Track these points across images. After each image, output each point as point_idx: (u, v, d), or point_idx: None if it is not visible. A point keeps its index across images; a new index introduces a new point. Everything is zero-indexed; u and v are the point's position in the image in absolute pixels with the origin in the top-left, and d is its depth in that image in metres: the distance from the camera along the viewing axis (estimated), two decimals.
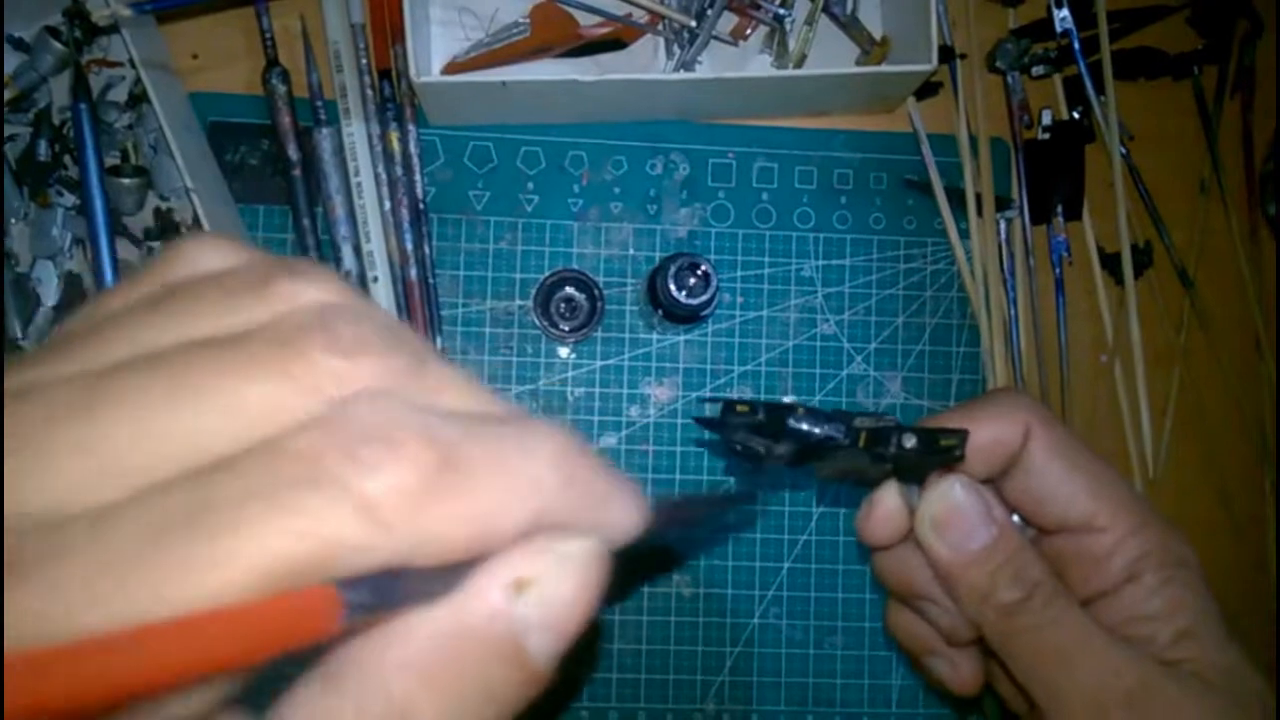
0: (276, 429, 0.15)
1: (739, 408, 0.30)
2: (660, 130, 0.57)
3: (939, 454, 0.29)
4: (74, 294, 0.52)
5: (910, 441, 0.29)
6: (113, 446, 0.14)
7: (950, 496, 0.31)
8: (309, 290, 0.17)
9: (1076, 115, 0.60)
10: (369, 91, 0.54)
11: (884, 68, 0.55)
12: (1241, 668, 0.29)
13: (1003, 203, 0.59)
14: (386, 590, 0.15)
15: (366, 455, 0.14)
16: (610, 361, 0.56)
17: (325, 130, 0.53)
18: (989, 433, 0.32)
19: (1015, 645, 0.30)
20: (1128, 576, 0.30)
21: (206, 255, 0.18)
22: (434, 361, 0.17)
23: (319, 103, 0.53)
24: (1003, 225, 0.59)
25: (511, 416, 0.17)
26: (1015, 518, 0.33)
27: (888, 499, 0.33)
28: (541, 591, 0.16)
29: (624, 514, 0.18)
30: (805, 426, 0.29)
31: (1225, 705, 0.28)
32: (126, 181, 0.52)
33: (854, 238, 0.58)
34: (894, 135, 0.59)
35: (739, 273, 0.57)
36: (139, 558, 0.13)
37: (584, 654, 0.55)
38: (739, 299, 0.57)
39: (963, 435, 0.29)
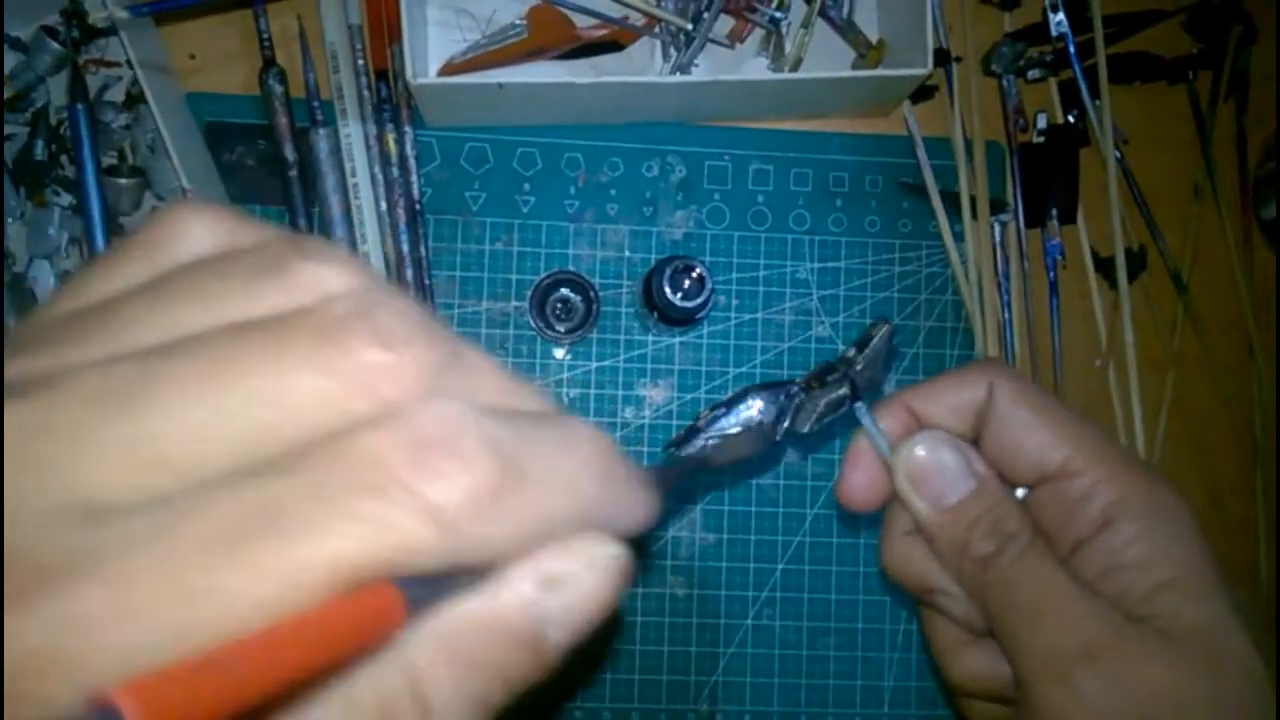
0: (330, 426, 0.15)
1: (701, 417, 0.31)
2: (656, 132, 0.58)
3: (874, 341, 0.31)
4: None
5: (850, 353, 0.32)
6: (161, 436, 0.14)
7: (923, 448, 0.31)
8: (332, 274, 0.16)
9: (1071, 119, 0.60)
10: (366, 92, 0.54)
11: (880, 71, 0.55)
12: (1221, 624, 0.27)
13: (998, 206, 0.59)
14: (441, 586, 0.15)
15: (434, 462, 0.14)
16: (605, 363, 0.56)
17: (322, 131, 0.53)
18: (954, 390, 0.31)
19: (989, 598, 0.29)
20: (1103, 522, 0.29)
21: (202, 228, 0.17)
22: (468, 351, 0.17)
23: (316, 103, 0.53)
24: (997, 228, 0.59)
25: (551, 413, 0.18)
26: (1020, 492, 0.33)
27: (862, 453, 0.32)
28: (569, 589, 0.17)
29: (644, 512, 0.19)
30: (757, 400, 0.31)
31: (1192, 663, 0.27)
32: (123, 182, 0.52)
33: (849, 240, 0.59)
34: (889, 138, 0.59)
35: (734, 275, 0.58)
36: (204, 560, 0.13)
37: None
38: (734, 301, 0.57)
39: (881, 319, 0.32)
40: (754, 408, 0.30)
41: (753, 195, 0.58)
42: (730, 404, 0.30)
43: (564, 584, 0.17)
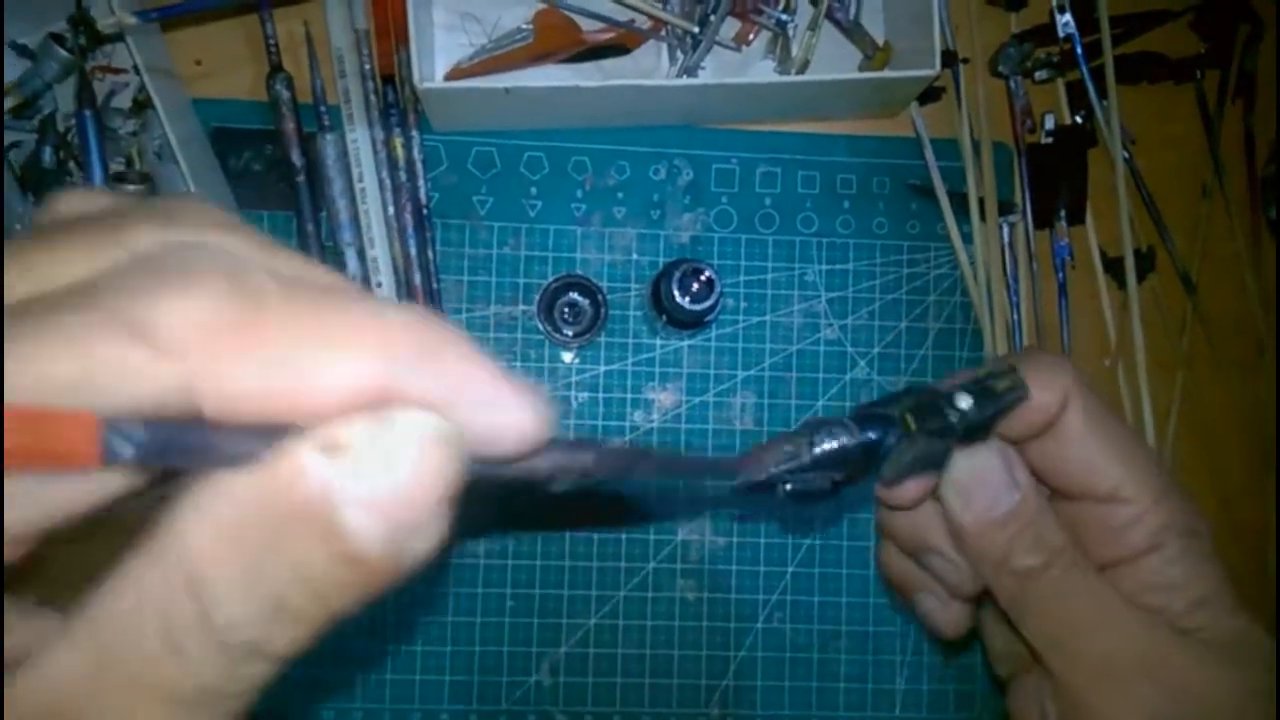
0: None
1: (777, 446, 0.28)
2: (663, 135, 0.57)
3: (999, 398, 0.28)
4: None
5: (965, 402, 0.27)
6: None
7: (975, 459, 0.31)
8: (71, 205, 0.17)
9: (1079, 119, 0.60)
10: (372, 97, 0.54)
11: (887, 73, 0.55)
12: (1251, 633, 0.29)
13: (1006, 207, 0.59)
14: (175, 436, 0.14)
15: (148, 285, 0.14)
16: (614, 366, 0.56)
17: (329, 136, 0.53)
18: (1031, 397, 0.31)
19: (1031, 609, 0.30)
20: (1149, 547, 0.30)
21: (74, 202, 0.18)
22: (282, 250, 0.16)
23: (322, 108, 0.53)
24: (1006, 229, 0.59)
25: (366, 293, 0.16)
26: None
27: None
28: (363, 462, 0.14)
29: (511, 414, 0.16)
30: (840, 442, 0.26)
31: (1237, 671, 0.29)
32: (131, 188, 0.52)
33: (857, 242, 0.58)
34: (897, 140, 0.59)
35: (742, 277, 0.57)
36: None
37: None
38: (742, 304, 0.57)
39: (1012, 372, 0.29)
40: (838, 446, 0.26)
41: (760, 198, 0.58)
42: (814, 436, 0.26)
43: (354, 453, 0.14)
